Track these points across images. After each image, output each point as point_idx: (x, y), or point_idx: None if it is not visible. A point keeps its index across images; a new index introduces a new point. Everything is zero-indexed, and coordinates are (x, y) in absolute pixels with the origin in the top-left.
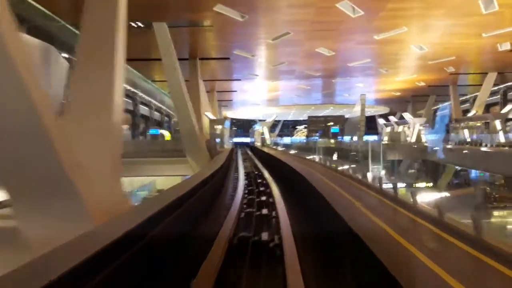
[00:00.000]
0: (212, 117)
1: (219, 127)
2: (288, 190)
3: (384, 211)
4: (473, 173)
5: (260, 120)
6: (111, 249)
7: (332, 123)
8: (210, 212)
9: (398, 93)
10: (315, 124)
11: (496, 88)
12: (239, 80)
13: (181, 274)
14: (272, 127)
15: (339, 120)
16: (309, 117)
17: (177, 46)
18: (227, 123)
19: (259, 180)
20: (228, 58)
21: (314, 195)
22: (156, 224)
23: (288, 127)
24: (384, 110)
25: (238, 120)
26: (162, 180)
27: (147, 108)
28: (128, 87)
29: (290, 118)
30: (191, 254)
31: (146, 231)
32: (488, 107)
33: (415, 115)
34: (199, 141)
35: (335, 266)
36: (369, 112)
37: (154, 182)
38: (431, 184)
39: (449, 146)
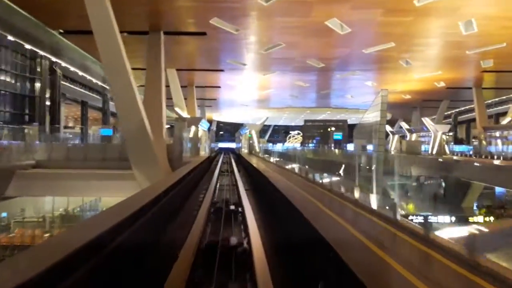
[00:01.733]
0: (185, 115)
1: (193, 129)
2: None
3: None
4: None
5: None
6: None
7: (333, 129)
8: None
9: (408, 96)
10: (312, 130)
11: None
12: (222, 71)
13: None
14: (262, 132)
15: (342, 125)
16: (305, 121)
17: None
18: (204, 124)
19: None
20: (204, 33)
21: None
22: None
23: (279, 132)
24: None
25: (225, 124)
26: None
27: (99, 97)
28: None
29: (281, 122)
30: None
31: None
32: None
33: (422, 122)
34: (153, 147)
35: None
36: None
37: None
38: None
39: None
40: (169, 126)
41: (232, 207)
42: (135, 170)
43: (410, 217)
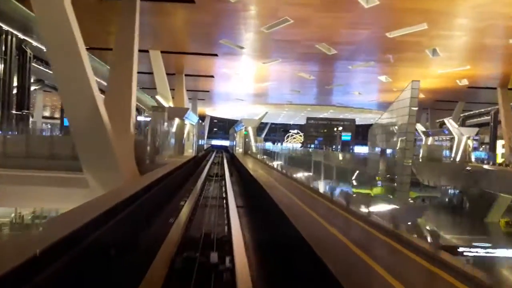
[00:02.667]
0: (166, 104)
1: (176, 122)
2: None
3: None
4: None
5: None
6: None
7: (340, 129)
8: None
9: (421, 95)
10: (316, 129)
11: None
12: (216, 56)
13: None
14: (258, 129)
15: (350, 125)
16: (308, 118)
17: None
18: (192, 116)
19: None
20: (192, 1)
21: None
22: None
23: (276, 131)
24: None
25: (219, 120)
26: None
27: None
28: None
29: (279, 120)
30: None
31: None
32: None
33: (433, 125)
34: (110, 143)
35: None
36: (371, 119)
37: None
38: None
39: None
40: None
41: (214, 256)
42: (87, 173)
43: (460, 249)
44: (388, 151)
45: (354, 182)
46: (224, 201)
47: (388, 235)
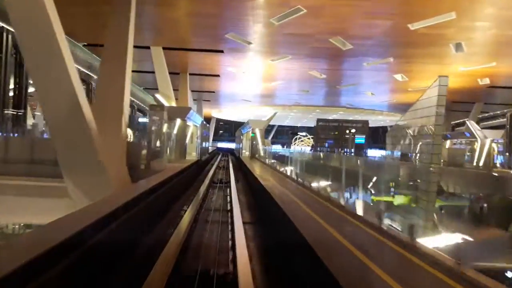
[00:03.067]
0: (167, 103)
1: (178, 123)
2: None
3: None
4: None
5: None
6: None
7: (353, 131)
8: None
9: None
10: (326, 131)
11: None
12: (222, 52)
13: None
14: (265, 132)
15: (363, 127)
16: (318, 120)
17: None
18: (195, 117)
19: None
20: None
21: None
22: None
23: (282, 133)
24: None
25: (225, 122)
26: None
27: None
28: None
29: (286, 123)
30: None
31: None
32: None
33: (447, 127)
34: (94, 146)
35: None
36: (381, 121)
37: None
38: None
39: None
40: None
41: None
42: (67, 180)
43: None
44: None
45: (373, 190)
46: (229, 215)
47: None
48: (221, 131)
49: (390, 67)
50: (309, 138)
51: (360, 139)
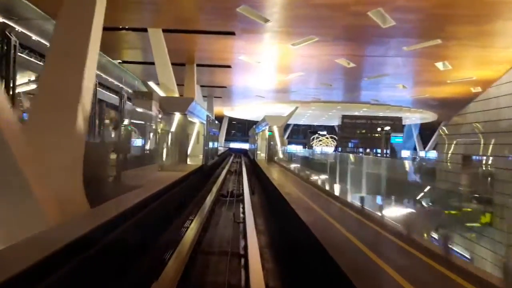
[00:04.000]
0: (160, 92)
1: (177, 118)
2: None
3: None
4: None
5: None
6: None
7: (388, 128)
8: None
9: (478, 89)
10: (354, 129)
11: None
12: (233, 34)
13: None
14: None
15: (396, 124)
16: (344, 117)
17: None
18: (199, 111)
19: None
20: None
21: None
22: None
23: (298, 133)
24: (428, 116)
25: (238, 121)
26: None
27: None
28: None
29: (302, 121)
30: None
31: None
32: None
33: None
34: (12, 155)
35: None
36: (407, 119)
37: None
38: None
39: None
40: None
41: None
42: None
43: None
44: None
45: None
46: (243, 273)
47: None
48: (233, 131)
49: (433, 51)
50: (327, 138)
51: (397, 138)
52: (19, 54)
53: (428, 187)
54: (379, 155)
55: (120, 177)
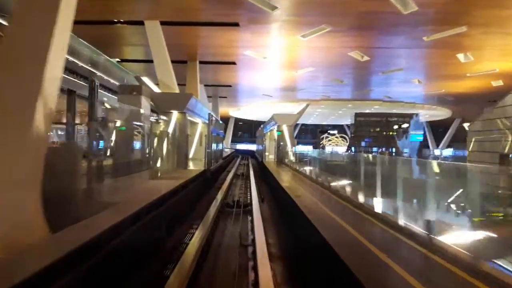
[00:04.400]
0: (150, 84)
1: (174, 117)
2: None
3: None
4: None
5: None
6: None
7: (406, 126)
8: None
9: (500, 82)
10: (368, 127)
11: None
12: (237, 25)
13: None
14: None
15: (416, 121)
16: (357, 114)
17: None
18: (200, 109)
19: None
20: None
21: None
22: None
23: (306, 133)
24: (442, 113)
25: (244, 122)
26: None
27: None
28: None
29: (310, 121)
30: None
31: None
32: None
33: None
34: None
35: None
36: (422, 116)
37: None
38: None
39: None
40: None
41: None
42: None
43: None
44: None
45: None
46: None
47: None
48: (240, 132)
49: (456, 41)
50: (337, 137)
51: (418, 135)
52: None
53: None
54: (395, 154)
55: (91, 191)
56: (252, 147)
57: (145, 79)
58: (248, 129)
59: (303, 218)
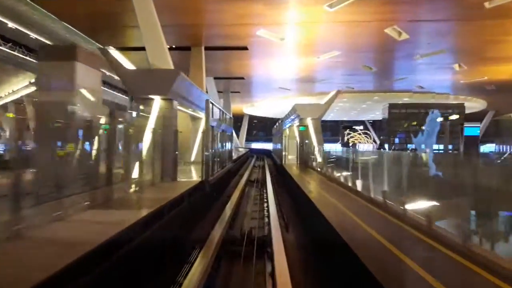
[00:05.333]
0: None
1: (156, 106)
2: None
3: None
4: None
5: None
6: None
7: (456, 117)
8: None
9: None
10: (404, 120)
11: None
12: None
13: None
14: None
15: (461, 113)
16: (391, 106)
17: None
18: (193, 93)
19: None
20: None
21: None
22: None
23: (325, 129)
24: (477, 105)
25: (259, 120)
26: None
27: None
28: None
29: (330, 117)
30: None
31: None
32: None
33: None
34: None
35: None
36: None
37: None
38: None
39: None
40: None
41: None
42: None
43: None
44: None
45: None
46: None
47: None
48: (254, 131)
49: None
50: (360, 134)
51: (474, 129)
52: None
53: None
54: (441, 151)
55: None
56: (268, 146)
57: (114, 52)
58: (263, 127)
59: None
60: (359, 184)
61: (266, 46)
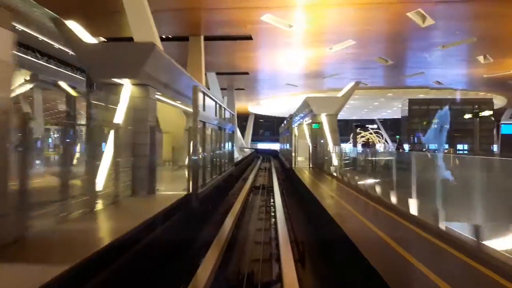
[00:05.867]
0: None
1: (127, 92)
2: None
3: None
4: None
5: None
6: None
7: (487, 113)
8: None
9: None
10: (426, 118)
11: None
12: None
13: None
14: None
15: (489, 108)
16: (411, 102)
17: None
18: (176, 76)
19: None
20: None
21: None
22: None
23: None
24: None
25: (265, 119)
26: None
27: None
28: None
29: (340, 116)
30: None
31: None
32: None
33: None
34: None
35: None
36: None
37: None
38: None
39: None
40: None
41: None
42: None
43: None
44: None
45: None
46: None
47: None
48: (260, 130)
49: None
50: (371, 133)
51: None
52: None
53: None
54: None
55: None
56: (274, 146)
57: (72, 25)
58: (270, 127)
59: None
60: (413, 204)
61: (272, 35)
